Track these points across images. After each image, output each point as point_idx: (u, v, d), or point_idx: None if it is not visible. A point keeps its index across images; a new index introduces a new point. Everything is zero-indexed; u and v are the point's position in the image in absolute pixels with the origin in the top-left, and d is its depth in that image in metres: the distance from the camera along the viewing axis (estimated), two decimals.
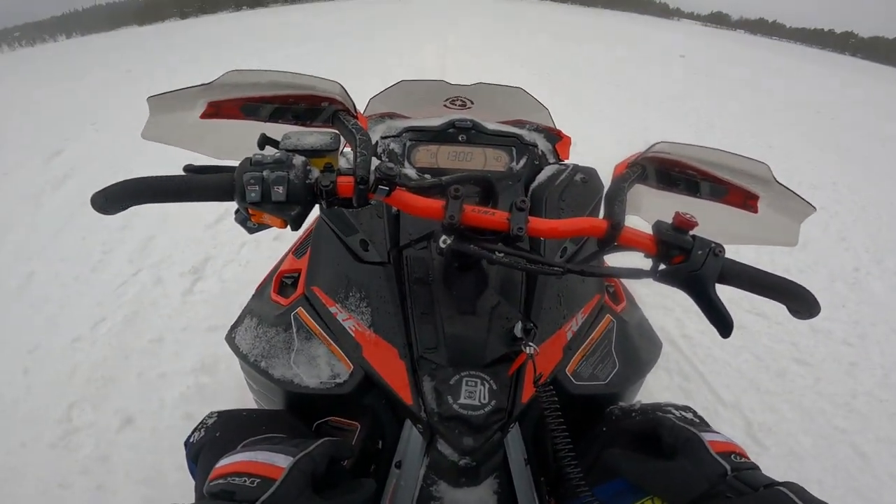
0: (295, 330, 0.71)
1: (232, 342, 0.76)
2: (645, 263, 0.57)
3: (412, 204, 0.56)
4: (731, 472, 0.47)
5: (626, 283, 0.93)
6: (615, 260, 0.64)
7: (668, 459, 0.52)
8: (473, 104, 1.12)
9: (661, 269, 0.56)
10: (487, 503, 0.60)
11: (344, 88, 0.70)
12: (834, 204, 3.60)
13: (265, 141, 0.63)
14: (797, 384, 1.88)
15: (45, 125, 4.86)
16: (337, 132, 0.62)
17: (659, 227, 0.56)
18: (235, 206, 0.54)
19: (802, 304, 0.57)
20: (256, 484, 0.44)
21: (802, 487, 0.44)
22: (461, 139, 0.94)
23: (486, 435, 0.59)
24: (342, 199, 0.54)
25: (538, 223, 0.55)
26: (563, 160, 1.02)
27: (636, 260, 0.60)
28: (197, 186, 0.52)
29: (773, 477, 0.47)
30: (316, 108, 0.71)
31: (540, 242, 0.80)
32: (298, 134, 0.59)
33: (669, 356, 1.90)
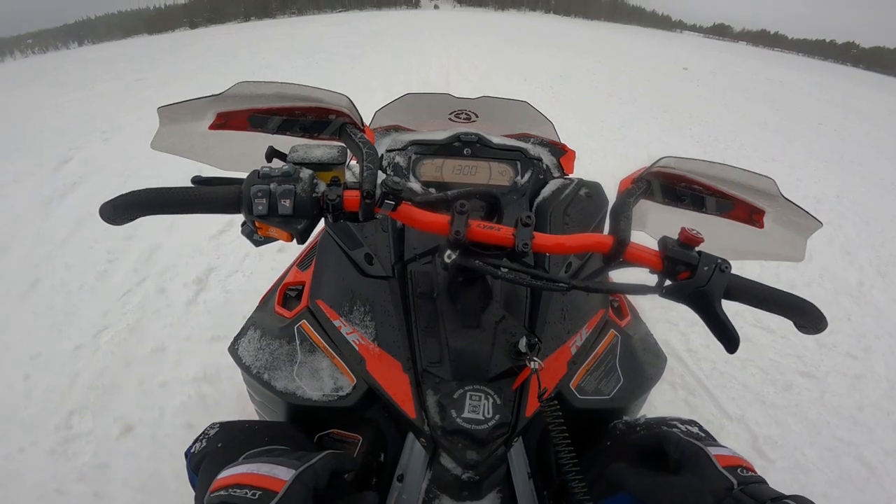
0: (298, 342, 0.71)
1: (235, 353, 0.76)
2: (650, 279, 0.57)
3: (418, 219, 0.56)
4: (737, 485, 0.46)
5: (630, 297, 0.93)
6: (620, 275, 0.63)
7: (673, 474, 0.51)
8: (478, 117, 1.13)
9: (666, 285, 0.56)
10: None
11: (351, 101, 0.70)
12: (838, 217, 3.59)
13: (273, 154, 0.63)
14: (803, 397, 1.86)
15: (55, 133, 4.93)
16: (344, 145, 0.63)
17: (665, 243, 0.56)
18: (242, 218, 0.54)
19: (809, 319, 0.57)
20: (258, 496, 0.44)
21: (811, 500, 0.44)
22: (466, 153, 0.94)
23: (489, 449, 0.58)
24: (348, 213, 0.54)
25: (543, 239, 0.55)
26: (567, 174, 1.02)
27: (642, 275, 0.59)
28: (204, 198, 0.52)
29: (780, 490, 0.46)
30: (323, 120, 0.71)
31: (544, 257, 0.79)
32: (306, 147, 0.59)
33: (674, 370, 1.88)
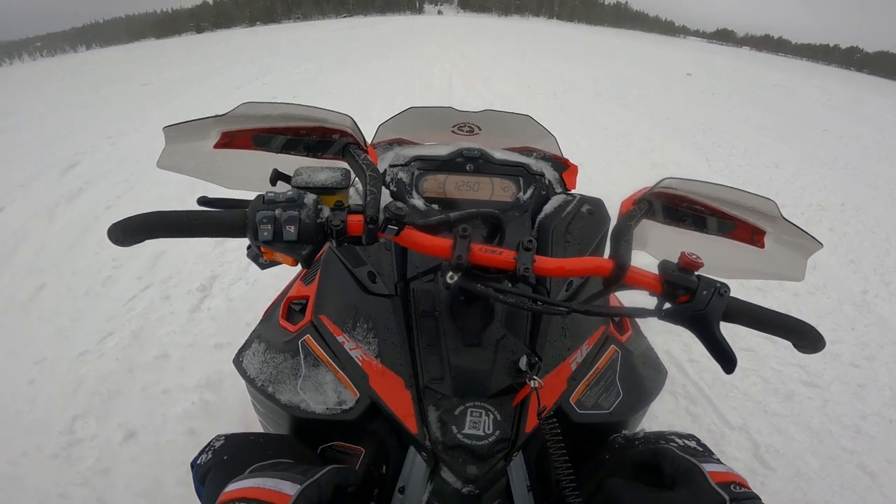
0: (302, 357, 0.72)
1: (239, 366, 0.77)
2: (650, 301, 0.58)
3: (420, 243, 0.57)
4: (729, 502, 0.47)
5: None
6: (621, 294, 0.64)
7: (668, 489, 0.52)
8: (481, 130, 1.13)
9: (665, 308, 0.56)
10: None
11: (354, 122, 0.70)
12: (842, 225, 3.58)
13: (277, 177, 0.64)
14: (805, 406, 1.85)
15: (61, 138, 4.97)
16: (347, 167, 0.64)
17: (665, 267, 0.56)
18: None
19: (807, 340, 0.58)
20: None
21: None
22: (469, 168, 0.94)
23: (489, 463, 0.59)
24: (352, 237, 0.55)
25: (544, 262, 0.56)
26: (569, 189, 1.02)
27: (642, 297, 0.60)
28: (211, 222, 0.53)
29: None
30: (327, 140, 0.71)
31: (546, 277, 0.80)
32: (310, 170, 0.60)
33: (676, 380, 1.88)
